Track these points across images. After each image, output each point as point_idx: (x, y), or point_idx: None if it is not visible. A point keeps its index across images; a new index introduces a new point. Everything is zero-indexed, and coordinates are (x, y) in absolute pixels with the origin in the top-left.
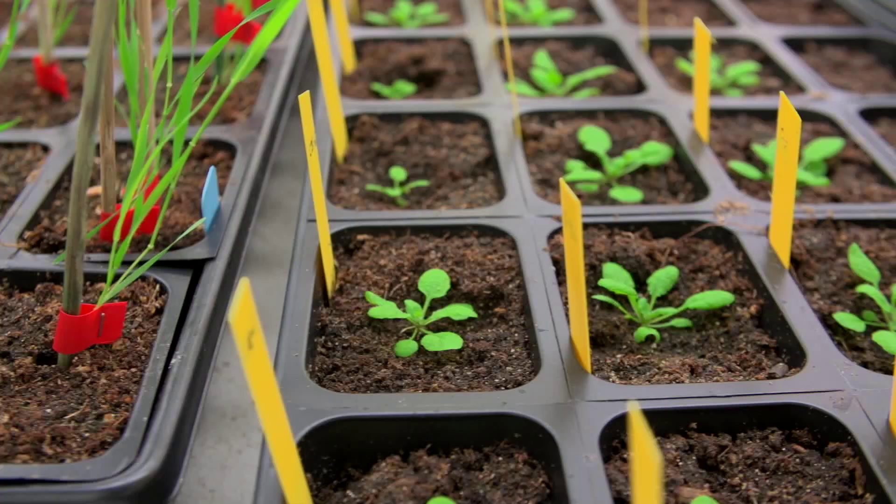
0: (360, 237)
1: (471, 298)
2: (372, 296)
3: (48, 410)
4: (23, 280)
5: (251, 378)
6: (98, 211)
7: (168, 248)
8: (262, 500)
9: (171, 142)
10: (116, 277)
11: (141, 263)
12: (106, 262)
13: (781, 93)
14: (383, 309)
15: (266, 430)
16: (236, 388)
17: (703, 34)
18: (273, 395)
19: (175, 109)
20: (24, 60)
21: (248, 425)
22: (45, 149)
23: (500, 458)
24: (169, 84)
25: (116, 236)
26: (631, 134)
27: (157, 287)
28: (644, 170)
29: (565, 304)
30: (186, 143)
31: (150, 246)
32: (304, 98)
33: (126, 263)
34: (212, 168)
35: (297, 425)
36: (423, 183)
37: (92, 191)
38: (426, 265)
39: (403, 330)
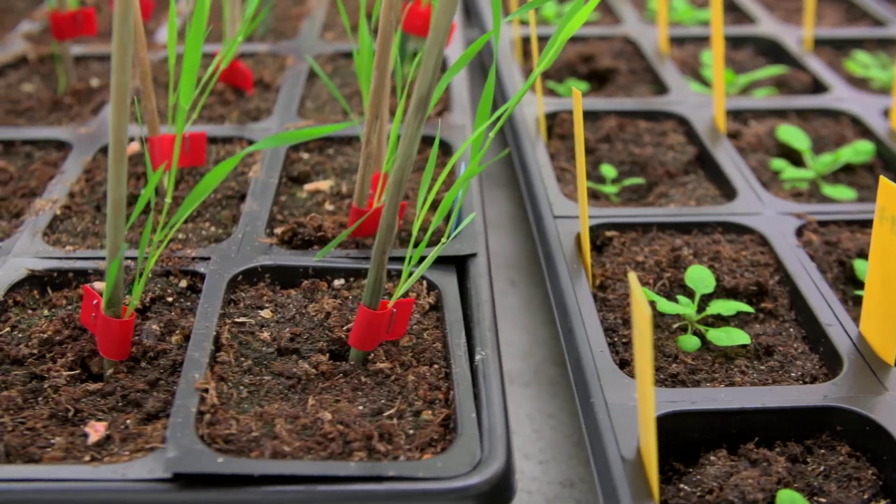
0: (609, 234)
1: (734, 294)
2: (647, 292)
3: (360, 407)
4: (284, 276)
5: (640, 371)
6: (328, 206)
7: (444, 244)
8: (622, 491)
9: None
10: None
11: (404, 260)
12: (342, 258)
13: None
14: (664, 304)
15: (643, 422)
16: None
17: None
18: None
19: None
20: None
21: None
22: (252, 143)
23: (823, 451)
24: (402, 77)
25: (415, 231)
26: (824, 133)
27: (425, 283)
28: (846, 169)
29: (840, 298)
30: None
31: (445, 240)
32: (577, 95)
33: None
34: (462, 164)
35: (635, 421)
36: (638, 180)
37: (310, 187)
38: (683, 261)
39: (676, 325)
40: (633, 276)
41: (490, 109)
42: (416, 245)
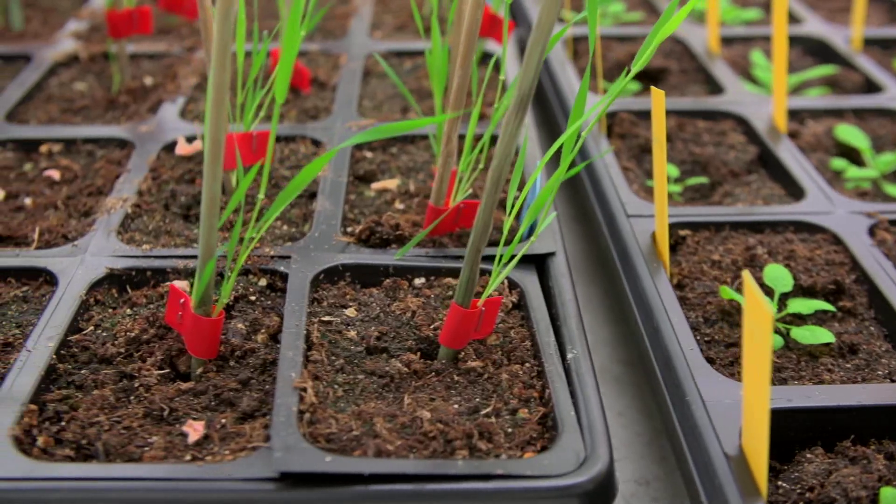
0: (682, 232)
1: (811, 293)
2: (729, 291)
3: (456, 406)
4: (364, 274)
5: (754, 370)
6: (398, 205)
7: (531, 242)
8: (730, 490)
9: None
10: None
11: (487, 257)
12: (421, 256)
13: None
14: None
15: (754, 421)
16: None
17: None
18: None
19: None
20: (249, 54)
21: None
22: (316, 143)
23: None
24: (496, 76)
25: (505, 231)
26: (881, 132)
27: (506, 282)
28: None
29: None
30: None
31: (534, 238)
32: (658, 95)
33: (454, 258)
34: (538, 163)
35: (732, 418)
36: (702, 179)
37: (377, 185)
38: (758, 260)
39: None
40: (747, 275)
41: (581, 114)
42: (506, 244)
